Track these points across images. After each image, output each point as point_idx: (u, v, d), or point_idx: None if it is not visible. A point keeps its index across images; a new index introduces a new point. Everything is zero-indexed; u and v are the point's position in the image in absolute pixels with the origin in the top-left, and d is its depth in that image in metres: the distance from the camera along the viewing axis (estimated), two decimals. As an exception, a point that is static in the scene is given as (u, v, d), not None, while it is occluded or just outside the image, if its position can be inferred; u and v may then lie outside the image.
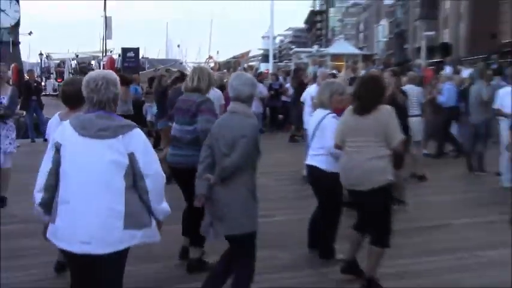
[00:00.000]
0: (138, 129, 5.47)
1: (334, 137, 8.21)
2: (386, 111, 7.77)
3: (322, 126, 8.96)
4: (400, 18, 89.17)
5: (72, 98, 7.67)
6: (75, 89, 6.90)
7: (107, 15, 41.47)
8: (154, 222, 5.53)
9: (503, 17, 49.24)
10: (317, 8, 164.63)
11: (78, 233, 5.20)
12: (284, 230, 10.68)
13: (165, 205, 5.60)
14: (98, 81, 5.39)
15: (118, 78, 5.64)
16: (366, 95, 7.87)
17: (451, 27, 54.70)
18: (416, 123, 15.16)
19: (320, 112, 9.18)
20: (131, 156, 5.31)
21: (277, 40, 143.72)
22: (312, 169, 9.19)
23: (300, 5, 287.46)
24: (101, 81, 5.39)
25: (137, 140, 5.39)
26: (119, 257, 5.34)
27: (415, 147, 15.46)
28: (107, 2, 41.10)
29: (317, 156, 9.03)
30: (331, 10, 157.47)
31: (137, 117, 18.06)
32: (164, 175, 5.59)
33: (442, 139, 19.36)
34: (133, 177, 5.36)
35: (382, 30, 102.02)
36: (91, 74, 5.65)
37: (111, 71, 6.17)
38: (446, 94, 18.88)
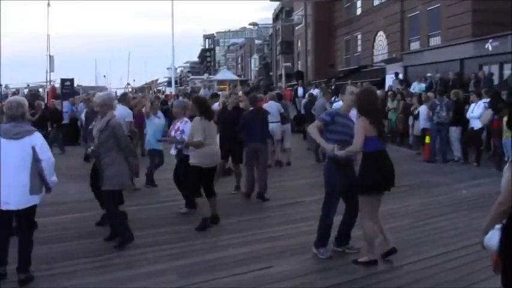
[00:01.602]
0: (37, 132, 6.69)
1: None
2: (194, 120, 9.26)
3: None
4: (266, 54, 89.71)
5: None
6: (1, 108, 8.08)
7: (50, 54, 40.17)
8: (44, 191, 6.73)
9: (338, 53, 50.39)
10: (207, 47, 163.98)
11: (3, 197, 6.41)
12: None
13: (54, 178, 6.74)
14: (12, 103, 6.63)
15: (26, 102, 6.89)
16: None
17: (302, 59, 55.53)
18: (277, 127, 15.90)
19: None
20: (33, 148, 6.51)
21: (178, 70, 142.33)
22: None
23: (194, 44, 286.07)
24: (14, 104, 6.61)
25: (37, 138, 6.59)
26: (29, 211, 6.63)
27: (277, 144, 16.69)
28: (50, 44, 39.72)
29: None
30: (217, 48, 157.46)
31: (72, 126, 19.79)
32: (53, 159, 6.76)
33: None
34: (35, 162, 6.51)
35: (254, 62, 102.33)
36: (9, 99, 7.05)
37: (23, 98, 7.55)
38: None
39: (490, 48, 24.78)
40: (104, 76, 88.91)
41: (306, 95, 25.74)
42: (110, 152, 7.94)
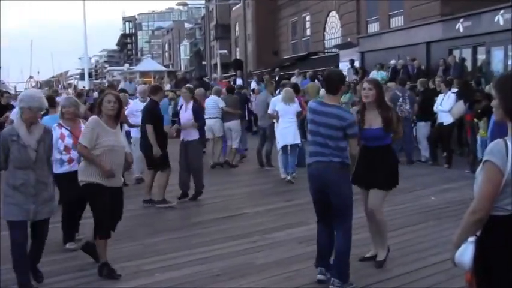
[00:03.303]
0: None
1: None
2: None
3: None
4: (198, 39, 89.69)
5: None
6: None
7: None
8: None
9: (283, 38, 50.69)
10: (127, 31, 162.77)
11: None
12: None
13: None
14: None
15: None
16: None
17: (240, 46, 55.67)
18: (214, 123, 16.21)
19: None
20: None
21: (93, 60, 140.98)
22: None
23: (112, 28, 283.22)
24: None
25: None
26: None
27: (217, 142, 17.35)
28: None
29: None
30: (140, 33, 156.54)
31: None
32: None
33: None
34: None
35: (184, 50, 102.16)
36: None
37: None
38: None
39: (461, 30, 25.22)
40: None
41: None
42: (45, 169, 7.42)
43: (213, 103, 17.06)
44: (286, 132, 14.41)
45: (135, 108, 14.30)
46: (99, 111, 8.01)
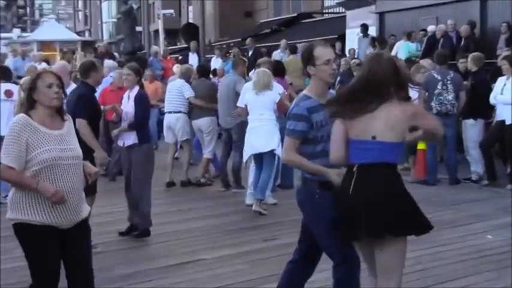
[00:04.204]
0: None
1: None
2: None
3: None
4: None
5: None
6: None
7: None
8: None
9: (260, -8, 50.78)
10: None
11: None
12: None
13: None
14: None
15: None
16: None
17: (195, 4, 55.64)
18: (176, 121, 16.11)
19: None
20: None
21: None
22: None
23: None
24: None
25: None
26: None
27: (185, 147, 17.59)
28: None
29: None
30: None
31: None
32: None
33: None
34: None
35: (109, 8, 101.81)
36: None
37: None
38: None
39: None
40: None
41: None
42: None
43: (176, 91, 17.00)
44: (253, 136, 14.33)
45: None
46: (30, 104, 7.29)
